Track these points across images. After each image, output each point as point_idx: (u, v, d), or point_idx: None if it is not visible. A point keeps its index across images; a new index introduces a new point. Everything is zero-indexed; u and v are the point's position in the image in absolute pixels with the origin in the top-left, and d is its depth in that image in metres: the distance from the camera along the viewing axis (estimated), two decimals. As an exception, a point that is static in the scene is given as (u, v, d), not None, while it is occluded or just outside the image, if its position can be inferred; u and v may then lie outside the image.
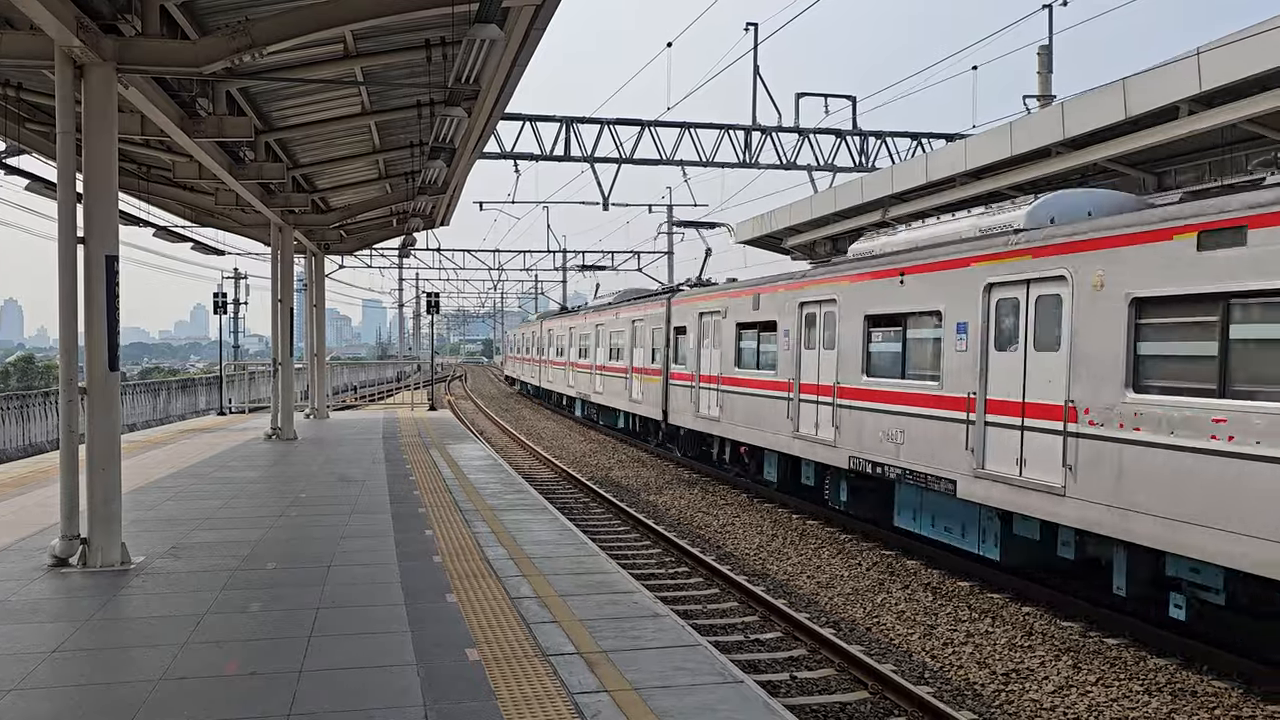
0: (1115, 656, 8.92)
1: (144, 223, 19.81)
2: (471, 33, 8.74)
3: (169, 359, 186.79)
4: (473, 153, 16.32)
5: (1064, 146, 16.78)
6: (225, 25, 9.65)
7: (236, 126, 12.16)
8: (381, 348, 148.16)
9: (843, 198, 25.13)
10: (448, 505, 12.03)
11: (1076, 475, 9.49)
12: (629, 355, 26.67)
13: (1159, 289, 8.68)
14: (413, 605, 7.45)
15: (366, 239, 27.90)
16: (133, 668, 6.08)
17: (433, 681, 5.79)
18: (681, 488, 19.26)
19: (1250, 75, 12.54)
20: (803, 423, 15.50)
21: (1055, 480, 9.76)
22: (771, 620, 10.15)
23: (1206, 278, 8.18)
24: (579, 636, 6.70)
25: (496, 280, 73.07)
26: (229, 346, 44.19)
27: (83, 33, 8.18)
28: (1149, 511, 8.60)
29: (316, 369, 25.98)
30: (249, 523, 10.80)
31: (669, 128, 26.36)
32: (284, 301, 20.44)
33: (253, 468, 15.52)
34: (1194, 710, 7.71)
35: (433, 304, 33.26)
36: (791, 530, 14.85)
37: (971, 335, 11.24)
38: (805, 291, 15.60)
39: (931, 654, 9.21)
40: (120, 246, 8.89)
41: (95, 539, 8.61)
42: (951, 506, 11.84)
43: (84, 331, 8.60)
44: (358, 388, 53.54)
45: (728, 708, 5.47)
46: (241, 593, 7.82)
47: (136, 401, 30.00)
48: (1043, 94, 24.95)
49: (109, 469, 8.72)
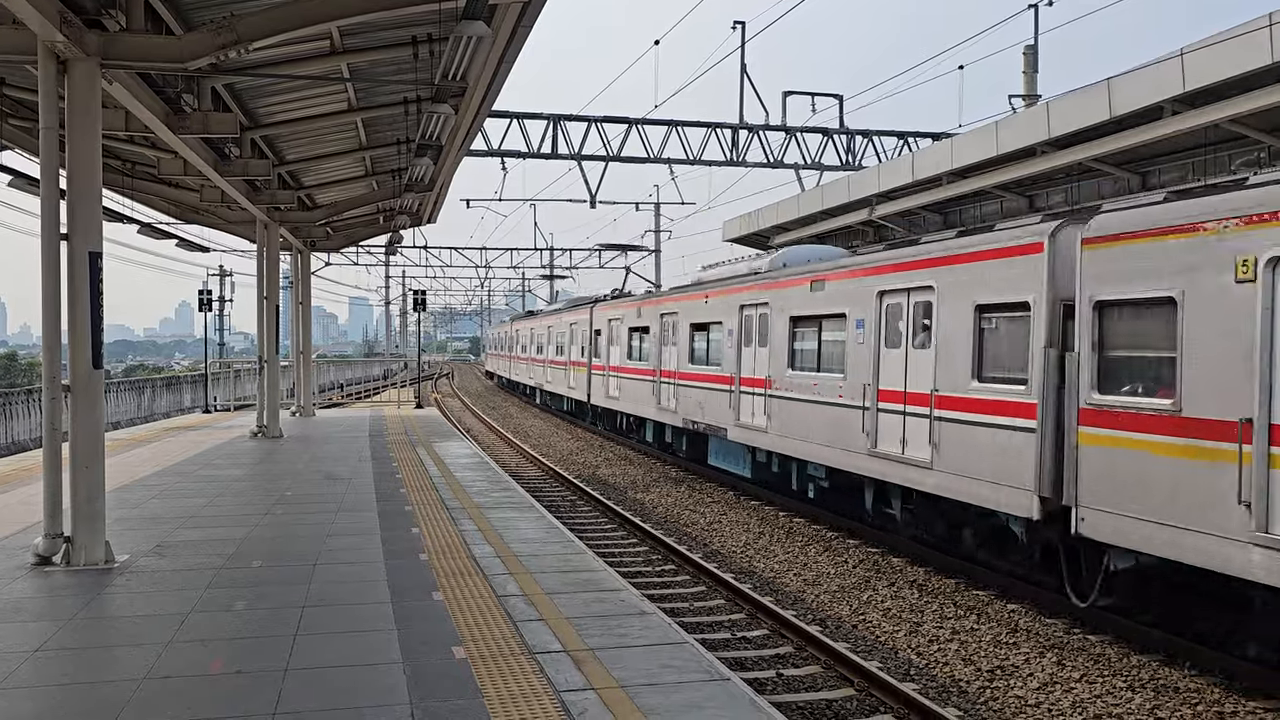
0: (1099, 653, 8.97)
1: (128, 219, 19.70)
2: (459, 29, 8.72)
3: (154, 356, 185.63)
4: (460, 150, 16.28)
5: (1049, 146, 16.88)
6: (210, 21, 9.61)
7: (222, 123, 12.10)
8: (368, 345, 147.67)
9: (829, 196, 25.21)
10: (434, 503, 12.01)
11: (770, 420, 16.19)
12: (568, 351, 33.19)
13: (803, 310, 15.27)
14: (399, 603, 7.43)
15: (353, 236, 27.82)
16: (116, 667, 6.05)
17: (419, 679, 5.78)
18: (668, 485, 19.28)
19: (1233, 76, 12.64)
20: (662, 398, 22.13)
21: (762, 424, 16.52)
22: (758, 618, 10.17)
23: (818, 306, 14.74)
24: (566, 634, 6.70)
25: (483, 278, 73.02)
26: (214, 344, 43.99)
27: (66, 28, 8.12)
28: (795, 438, 15.32)
29: (302, 366, 25.89)
30: (234, 521, 10.75)
31: (656, 126, 26.40)
32: (270, 299, 20.36)
33: (238, 466, 15.46)
34: (1176, 706, 7.76)
35: (419, 301, 33.19)
36: (778, 528, 14.88)
37: (734, 336, 17.87)
38: (664, 305, 22.50)
39: (917, 651, 9.25)
40: (104, 243, 8.83)
41: (79, 537, 8.56)
42: (729, 446, 18.45)
43: (67, 328, 8.54)
44: (344, 385, 53.39)
45: (714, 705, 5.48)
46: (226, 591, 7.79)
47: (121, 399, 29.83)
48: (1028, 94, 25.07)
49: (93, 467, 8.67)
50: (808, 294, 15.09)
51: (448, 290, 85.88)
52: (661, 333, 22.22)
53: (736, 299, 17.82)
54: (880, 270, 13.13)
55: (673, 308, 21.61)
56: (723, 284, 18.84)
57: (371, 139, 16.45)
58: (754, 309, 17.09)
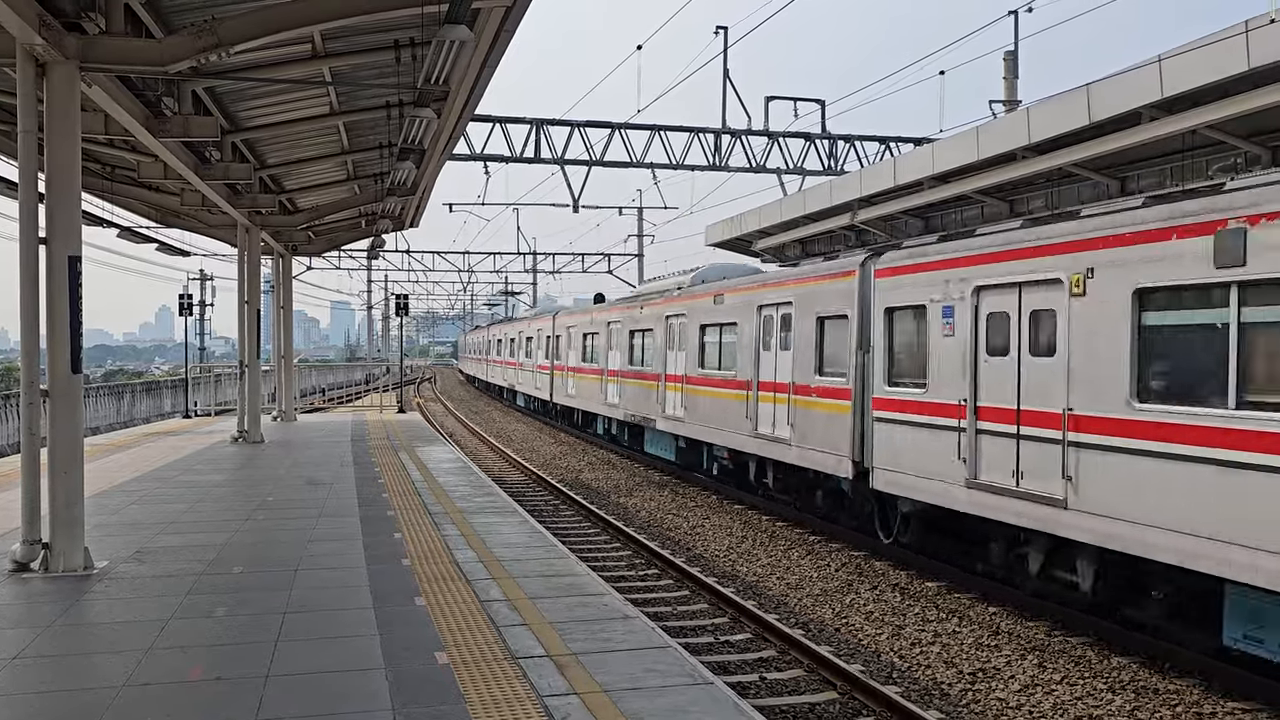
0: (1080, 655, 9.03)
1: (108, 223, 19.54)
2: (441, 34, 8.71)
3: (133, 361, 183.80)
4: (442, 154, 16.25)
5: (1029, 151, 16.96)
6: (191, 24, 9.55)
7: (202, 126, 12.04)
8: (350, 350, 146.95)
9: (812, 201, 25.26)
10: (417, 508, 11.97)
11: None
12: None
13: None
14: (381, 609, 7.40)
15: (335, 240, 27.72)
16: (96, 674, 6.00)
17: (401, 685, 5.76)
18: (651, 490, 19.27)
19: (1210, 82, 12.75)
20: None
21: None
22: (741, 622, 10.18)
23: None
24: (549, 639, 6.69)
25: (466, 282, 72.82)
26: (195, 348, 43.71)
27: (45, 30, 8.06)
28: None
29: (284, 371, 25.75)
30: (215, 526, 10.68)
31: (639, 130, 26.41)
32: (251, 303, 20.24)
33: (219, 471, 15.36)
34: (1156, 707, 7.82)
35: (402, 306, 33.06)
36: (761, 532, 14.91)
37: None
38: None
39: (899, 654, 9.28)
40: (83, 247, 8.77)
41: (57, 544, 8.48)
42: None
43: (46, 333, 8.48)
44: (326, 390, 53.13)
45: (698, 709, 5.48)
46: (207, 597, 7.74)
47: (100, 404, 29.57)
48: (1009, 99, 25.23)
49: (71, 472, 8.60)
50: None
51: (430, 294, 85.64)
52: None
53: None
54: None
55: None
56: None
57: (354, 143, 16.40)
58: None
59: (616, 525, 14.96)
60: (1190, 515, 7.97)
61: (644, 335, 22.54)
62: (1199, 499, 7.90)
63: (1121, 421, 8.72)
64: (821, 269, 14.35)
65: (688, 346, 19.24)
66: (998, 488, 10.26)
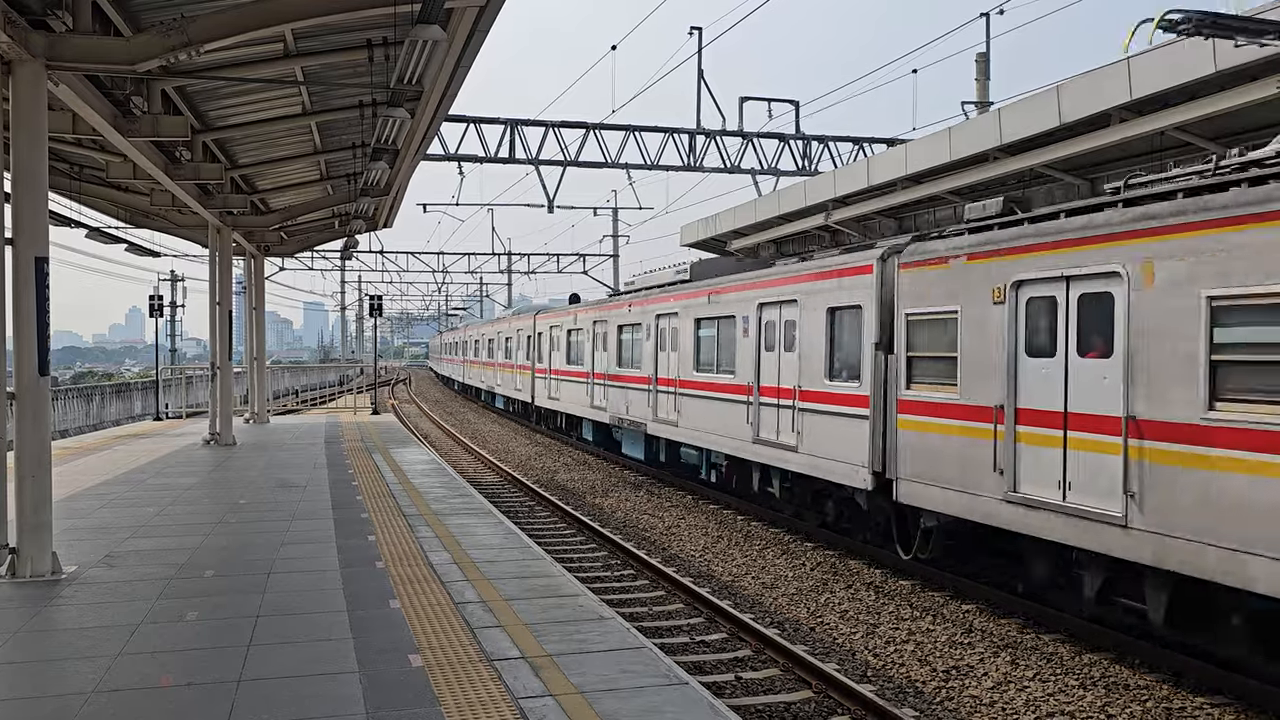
0: (1051, 652, 9.11)
1: (76, 224, 19.30)
2: (414, 34, 8.66)
3: (103, 363, 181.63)
4: (416, 154, 16.16)
5: (1001, 152, 17.11)
6: (160, 22, 9.44)
7: (172, 126, 11.91)
8: (323, 351, 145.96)
9: (786, 201, 25.36)
10: (391, 510, 11.91)
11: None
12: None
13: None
14: (355, 612, 7.35)
15: (308, 241, 27.48)
16: (64, 681, 5.92)
17: (375, 689, 5.73)
18: (627, 490, 19.27)
19: (1178, 84, 12.91)
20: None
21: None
22: (717, 621, 10.20)
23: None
24: (524, 640, 6.67)
25: (440, 283, 72.51)
26: (165, 350, 43.27)
27: (10, 28, 7.95)
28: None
29: (256, 373, 25.54)
30: (186, 530, 10.58)
31: (614, 131, 26.40)
32: (222, 304, 20.07)
33: (190, 474, 15.22)
34: (1127, 703, 7.90)
35: (375, 307, 32.83)
36: (736, 532, 14.94)
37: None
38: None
39: (874, 652, 9.33)
40: (51, 248, 8.66)
41: (24, 548, 8.37)
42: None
43: (12, 335, 8.37)
44: (299, 392, 52.75)
45: (673, 709, 5.48)
46: (178, 602, 7.66)
47: (69, 407, 29.21)
48: (981, 100, 25.42)
49: (39, 476, 8.48)
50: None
51: (404, 295, 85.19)
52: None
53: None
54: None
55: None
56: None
57: (326, 143, 16.28)
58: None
59: (592, 526, 14.94)
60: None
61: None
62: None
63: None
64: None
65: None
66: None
